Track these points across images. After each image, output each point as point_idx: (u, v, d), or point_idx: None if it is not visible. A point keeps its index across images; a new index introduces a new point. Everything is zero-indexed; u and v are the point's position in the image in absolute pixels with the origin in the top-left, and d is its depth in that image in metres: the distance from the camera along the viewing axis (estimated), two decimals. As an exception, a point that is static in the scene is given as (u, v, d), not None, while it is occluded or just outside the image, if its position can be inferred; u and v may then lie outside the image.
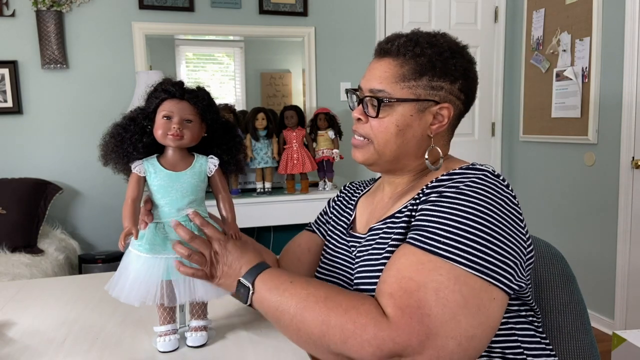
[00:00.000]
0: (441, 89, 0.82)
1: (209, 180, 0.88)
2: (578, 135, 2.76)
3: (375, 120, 0.83)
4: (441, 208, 0.72)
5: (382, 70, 0.83)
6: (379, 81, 0.83)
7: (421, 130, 0.83)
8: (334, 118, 2.71)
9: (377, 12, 3.11)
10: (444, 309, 0.64)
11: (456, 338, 0.63)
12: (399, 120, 0.82)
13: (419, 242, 0.70)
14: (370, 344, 0.64)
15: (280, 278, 0.78)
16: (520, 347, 0.78)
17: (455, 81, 0.83)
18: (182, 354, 0.85)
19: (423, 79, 0.81)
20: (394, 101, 0.81)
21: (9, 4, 2.60)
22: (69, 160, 2.75)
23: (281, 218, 2.60)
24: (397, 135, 0.82)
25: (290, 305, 0.73)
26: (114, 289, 0.83)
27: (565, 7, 2.81)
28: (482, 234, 0.68)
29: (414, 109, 0.82)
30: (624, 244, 2.53)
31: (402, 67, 0.82)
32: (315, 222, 1.08)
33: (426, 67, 0.81)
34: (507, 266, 0.69)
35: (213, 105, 0.88)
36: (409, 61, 0.82)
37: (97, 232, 2.82)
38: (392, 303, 0.66)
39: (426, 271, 0.67)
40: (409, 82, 0.81)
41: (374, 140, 0.84)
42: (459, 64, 0.83)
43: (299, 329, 0.71)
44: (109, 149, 0.85)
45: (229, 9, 2.89)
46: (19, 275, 2.03)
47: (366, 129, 0.85)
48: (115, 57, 2.77)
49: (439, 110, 0.82)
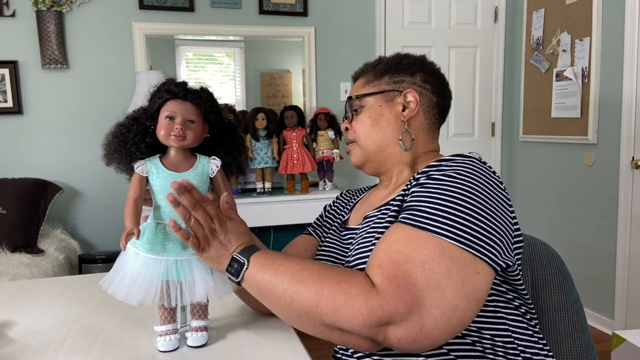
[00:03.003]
0: (402, 82, 0.94)
1: (211, 181, 0.88)
2: (578, 135, 2.76)
3: (355, 122, 0.96)
4: (429, 188, 0.76)
5: (354, 88, 1.00)
6: (352, 92, 0.99)
7: (394, 116, 0.93)
8: (334, 118, 2.71)
9: (377, 13, 3.11)
10: (430, 279, 0.67)
11: (440, 307, 0.66)
12: (371, 112, 0.94)
13: (407, 220, 0.73)
14: (360, 312, 0.67)
15: (275, 255, 0.80)
16: (511, 336, 0.79)
17: (414, 74, 0.95)
18: (183, 353, 0.85)
19: (384, 78, 0.95)
20: (361, 97, 0.95)
21: (9, 4, 2.60)
22: (69, 160, 2.75)
23: (281, 218, 2.60)
24: (373, 126, 0.93)
25: (285, 278, 0.75)
26: (110, 286, 0.82)
27: (565, 7, 2.81)
28: (468, 210, 0.72)
29: (382, 100, 0.94)
30: (624, 244, 2.53)
31: (367, 77, 0.98)
32: (311, 226, 1.12)
33: (384, 70, 0.96)
34: (492, 242, 0.72)
35: (216, 106, 0.88)
36: (370, 72, 0.98)
37: (97, 232, 2.82)
38: (380, 273, 0.69)
39: (414, 245, 0.70)
40: (372, 82, 0.96)
41: (358, 139, 0.95)
42: (412, 61, 0.97)
43: (292, 300, 0.73)
44: (112, 148, 0.85)
45: (229, 9, 2.89)
46: (19, 275, 2.03)
47: (351, 133, 0.97)
48: (115, 57, 2.77)
49: (405, 98, 0.93)
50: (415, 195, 0.76)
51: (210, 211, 0.82)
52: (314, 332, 0.74)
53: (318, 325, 0.72)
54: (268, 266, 0.77)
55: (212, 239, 0.82)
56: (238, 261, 0.80)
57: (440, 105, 0.96)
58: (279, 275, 0.75)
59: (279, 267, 0.76)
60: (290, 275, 0.75)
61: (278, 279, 0.75)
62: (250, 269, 0.79)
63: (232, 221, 0.84)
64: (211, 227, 0.82)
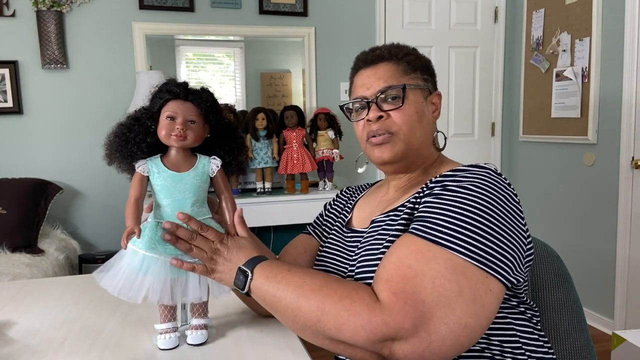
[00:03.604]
0: (428, 81, 0.92)
1: (212, 180, 0.89)
2: (578, 135, 2.76)
3: (398, 112, 0.86)
4: (443, 200, 0.74)
5: (382, 72, 0.88)
6: (385, 80, 0.87)
7: (429, 116, 0.91)
8: (334, 118, 2.71)
9: (377, 13, 3.11)
10: (439, 296, 0.65)
11: (449, 324, 0.65)
12: (417, 107, 0.88)
13: (420, 232, 0.72)
14: (364, 329, 0.66)
15: (279, 267, 0.80)
16: (518, 341, 0.79)
17: (433, 76, 0.94)
18: (183, 352, 0.85)
19: (417, 72, 0.90)
20: (412, 87, 0.87)
21: (9, 4, 2.60)
22: (69, 160, 2.75)
23: (281, 218, 2.60)
24: (419, 122, 0.88)
25: (287, 293, 0.74)
26: (106, 281, 0.82)
27: (565, 7, 2.81)
28: (483, 225, 0.70)
29: (422, 96, 0.89)
30: (624, 244, 2.53)
31: (398, 65, 0.89)
32: (311, 225, 1.11)
33: (415, 64, 0.90)
34: (506, 259, 0.70)
35: (216, 107, 0.88)
36: (401, 60, 0.89)
37: (97, 232, 2.82)
38: (387, 288, 0.67)
39: (425, 260, 0.68)
40: (409, 74, 0.89)
41: (400, 132, 0.87)
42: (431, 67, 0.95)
43: (295, 315, 0.73)
44: (113, 148, 0.86)
45: (229, 9, 2.89)
46: (19, 275, 2.03)
47: (389, 123, 0.87)
48: (115, 57, 2.77)
49: (433, 98, 0.92)
50: (428, 206, 0.75)
51: (210, 236, 0.84)
52: (319, 344, 0.74)
53: (322, 339, 0.72)
54: (271, 279, 0.77)
55: (217, 258, 0.84)
56: (243, 272, 0.81)
57: None
58: (281, 288, 0.75)
59: (281, 281, 0.76)
60: (293, 289, 0.74)
61: (281, 292, 0.75)
62: (255, 280, 0.79)
63: (232, 238, 0.86)
64: (213, 248, 0.84)
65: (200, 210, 0.87)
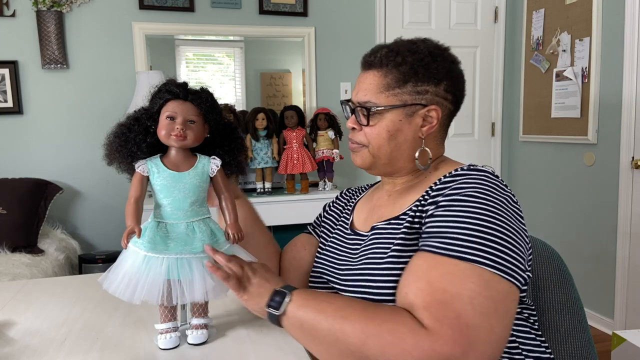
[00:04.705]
0: (426, 93, 0.86)
1: (211, 180, 0.89)
2: (578, 135, 2.76)
3: (369, 129, 0.88)
4: (455, 212, 0.74)
5: (367, 82, 0.88)
6: (365, 93, 0.88)
7: (412, 133, 0.87)
8: (334, 118, 2.71)
9: (377, 13, 3.11)
10: (481, 317, 0.66)
11: (492, 342, 0.66)
12: (389, 126, 0.86)
13: (442, 250, 0.71)
14: (410, 354, 0.65)
15: (317, 292, 0.80)
16: (515, 341, 0.80)
17: (440, 83, 0.87)
18: (183, 351, 0.85)
19: (407, 86, 0.86)
20: (381, 109, 0.86)
21: (9, 4, 2.60)
22: (69, 160, 2.75)
23: (281, 218, 2.60)
24: (389, 140, 0.87)
25: (328, 315, 0.72)
26: (111, 285, 0.83)
27: (565, 7, 2.81)
28: (498, 233, 0.71)
29: (402, 114, 0.86)
30: (624, 244, 2.53)
31: (386, 76, 0.86)
32: (311, 225, 1.11)
33: (409, 74, 0.85)
34: (519, 262, 0.72)
35: (216, 107, 0.89)
36: (391, 70, 0.86)
37: (97, 232, 2.82)
38: (428, 315, 0.66)
39: (458, 281, 0.68)
40: (393, 90, 0.86)
41: (369, 146, 0.89)
42: (441, 67, 0.87)
43: (337, 339, 0.70)
44: (113, 148, 0.86)
45: (229, 9, 2.89)
46: (19, 275, 2.03)
47: (360, 136, 0.90)
48: (115, 57, 2.77)
49: (427, 112, 0.86)
50: (440, 220, 0.74)
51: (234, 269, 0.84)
52: None
53: None
54: (311, 301, 0.76)
55: (253, 276, 0.83)
56: (280, 293, 0.79)
57: (454, 113, 0.92)
58: (322, 311, 0.73)
59: (321, 303, 0.75)
60: (334, 311, 0.72)
61: (321, 315, 0.73)
62: (294, 302, 0.77)
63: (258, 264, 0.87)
64: (252, 267, 0.84)
65: (200, 210, 0.87)
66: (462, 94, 0.91)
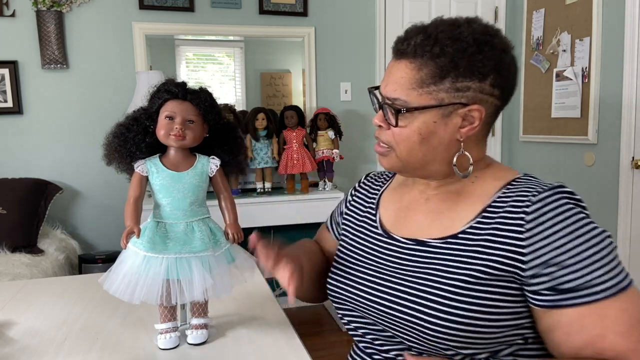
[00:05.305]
0: (468, 90, 0.73)
1: (211, 180, 0.89)
2: (578, 135, 2.76)
3: (398, 130, 0.76)
4: (584, 253, 0.69)
5: (398, 75, 0.75)
6: (394, 87, 0.75)
7: (449, 135, 0.75)
8: (334, 118, 2.71)
9: (377, 12, 3.11)
10: None
11: None
12: (422, 128, 0.74)
13: (602, 294, 0.68)
14: None
15: None
16: None
17: (485, 78, 0.73)
18: (183, 351, 0.85)
19: (445, 82, 0.72)
20: (412, 110, 0.74)
21: (9, 4, 2.60)
22: (69, 160, 2.75)
23: (281, 218, 2.60)
24: (421, 144, 0.75)
25: None
26: (111, 286, 0.83)
27: (565, 7, 2.81)
28: (612, 250, 0.71)
29: (438, 114, 0.74)
30: (624, 244, 2.53)
31: (420, 70, 0.73)
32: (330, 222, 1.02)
33: (447, 68, 0.72)
34: None
35: (215, 106, 0.89)
36: (427, 63, 0.73)
37: (97, 232, 2.82)
38: None
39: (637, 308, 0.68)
40: (428, 87, 0.73)
41: (396, 149, 0.77)
42: (488, 58, 0.72)
43: None
44: (112, 148, 0.86)
45: (229, 9, 2.89)
46: (19, 275, 2.03)
47: (388, 136, 0.78)
48: (115, 57, 2.77)
49: (468, 112, 0.74)
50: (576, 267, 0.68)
51: None
52: None
53: None
54: None
55: None
56: None
57: (500, 109, 0.79)
58: None
59: None
60: None
61: None
62: None
63: None
64: None
65: (199, 210, 0.87)
66: (513, 87, 0.78)
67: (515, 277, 0.70)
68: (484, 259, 0.71)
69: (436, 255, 0.76)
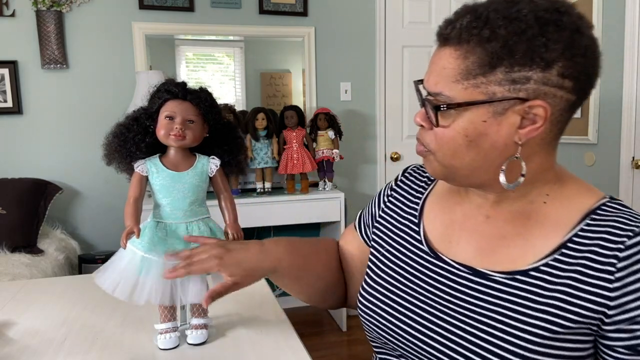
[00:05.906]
0: (527, 81, 0.59)
1: (211, 180, 0.89)
2: (578, 135, 2.76)
3: (440, 131, 0.64)
4: None
5: (440, 65, 0.63)
6: (436, 80, 0.63)
7: (504, 137, 0.62)
8: (334, 118, 2.71)
9: (377, 12, 3.11)
10: None
11: None
12: (468, 128, 0.62)
13: None
14: None
15: None
16: None
17: (550, 66, 0.59)
18: (183, 351, 0.85)
19: (497, 72, 0.59)
20: (454, 107, 0.61)
21: (9, 4, 2.60)
22: (69, 160, 2.75)
23: (281, 218, 2.60)
24: (469, 147, 0.63)
25: None
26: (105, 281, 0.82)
27: (565, 7, 2.81)
28: None
29: (488, 112, 0.61)
30: (624, 244, 2.53)
31: (466, 58, 0.60)
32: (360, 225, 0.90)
33: (500, 55, 0.58)
34: None
35: (215, 106, 0.89)
36: (474, 49, 0.60)
37: (97, 232, 2.82)
38: None
39: None
40: (475, 78, 0.60)
41: (437, 152, 0.66)
42: (554, 40, 0.58)
43: None
44: (112, 148, 0.86)
45: (229, 9, 2.89)
46: (19, 275, 2.03)
47: (429, 137, 0.66)
48: (115, 57, 2.77)
49: (529, 108, 0.60)
50: None
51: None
52: None
53: None
54: None
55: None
56: None
57: (577, 104, 0.64)
58: None
59: None
60: None
61: None
62: None
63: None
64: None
65: (199, 210, 0.87)
66: (592, 76, 0.62)
67: (593, 329, 0.61)
68: (564, 309, 0.60)
69: (501, 294, 0.64)
